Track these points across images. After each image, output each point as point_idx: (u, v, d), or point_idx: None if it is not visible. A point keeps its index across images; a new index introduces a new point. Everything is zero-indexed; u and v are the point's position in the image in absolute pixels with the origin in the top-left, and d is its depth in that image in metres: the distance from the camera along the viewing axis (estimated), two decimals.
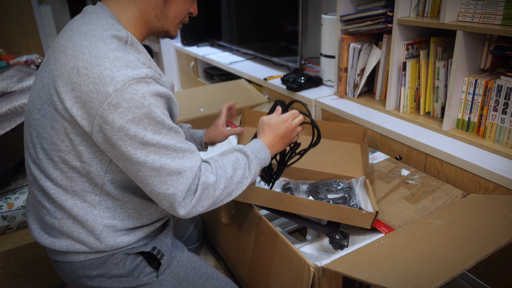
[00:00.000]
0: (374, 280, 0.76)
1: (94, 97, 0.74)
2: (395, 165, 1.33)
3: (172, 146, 0.79)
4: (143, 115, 0.74)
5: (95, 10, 0.84)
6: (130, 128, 0.74)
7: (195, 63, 2.92)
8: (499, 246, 0.79)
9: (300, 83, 1.86)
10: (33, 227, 0.94)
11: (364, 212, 1.04)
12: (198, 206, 0.83)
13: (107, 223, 0.89)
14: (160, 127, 0.77)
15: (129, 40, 0.83)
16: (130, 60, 0.76)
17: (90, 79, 0.74)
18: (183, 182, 0.80)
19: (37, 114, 0.83)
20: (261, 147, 0.97)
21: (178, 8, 0.90)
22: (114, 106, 0.73)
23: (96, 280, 0.94)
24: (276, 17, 2.15)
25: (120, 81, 0.73)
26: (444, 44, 1.43)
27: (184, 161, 0.81)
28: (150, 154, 0.77)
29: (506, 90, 1.20)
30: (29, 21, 3.26)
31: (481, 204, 1.04)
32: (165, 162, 0.78)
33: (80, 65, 0.75)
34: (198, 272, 1.05)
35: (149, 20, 0.88)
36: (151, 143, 0.76)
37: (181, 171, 0.80)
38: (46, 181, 0.86)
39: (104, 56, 0.75)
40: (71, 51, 0.77)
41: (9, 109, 2.10)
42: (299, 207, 1.08)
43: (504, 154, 1.21)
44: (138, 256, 0.96)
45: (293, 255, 0.96)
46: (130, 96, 0.73)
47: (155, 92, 0.76)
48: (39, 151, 0.85)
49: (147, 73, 0.77)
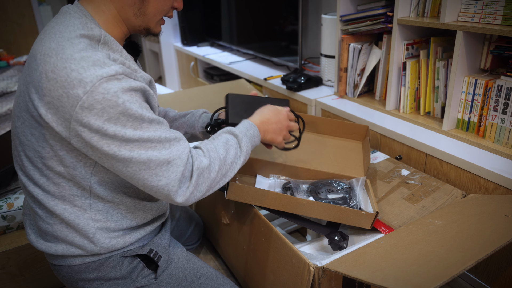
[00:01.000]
0: (374, 280, 0.76)
1: (65, 102, 0.71)
2: (395, 165, 1.33)
3: (156, 138, 0.77)
4: (119, 113, 0.72)
5: (69, 9, 0.81)
6: (108, 128, 0.72)
7: (195, 63, 2.92)
8: (499, 246, 0.79)
9: (300, 83, 1.86)
10: (29, 232, 0.93)
11: (364, 212, 1.04)
12: (196, 192, 0.83)
13: (99, 226, 0.88)
14: (140, 122, 0.75)
15: (102, 38, 0.79)
16: (97, 59, 0.73)
17: (58, 83, 0.71)
18: (174, 171, 0.79)
19: (17, 121, 0.82)
20: (250, 125, 0.96)
21: (157, 5, 0.86)
22: (88, 109, 0.71)
23: (93, 283, 0.93)
24: (276, 17, 2.15)
25: (88, 82, 0.70)
26: (444, 44, 1.43)
27: (172, 150, 0.79)
28: (135, 149, 0.75)
29: (506, 90, 1.20)
30: (29, 21, 3.26)
31: (481, 204, 1.04)
32: (152, 154, 0.77)
33: (48, 69, 0.73)
34: (197, 272, 1.04)
35: (127, 18, 0.85)
36: (133, 139, 0.75)
37: (170, 160, 0.78)
38: (35, 188, 0.85)
39: (70, 58, 0.72)
40: (40, 55, 0.75)
41: (9, 109, 2.10)
42: (299, 208, 1.08)
43: (504, 154, 1.21)
44: (135, 259, 0.95)
45: (293, 255, 0.96)
46: (102, 96, 0.71)
47: (128, 88, 0.74)
48: (23, 158, 0.84)
49: (117, 70, 0.74)
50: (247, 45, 2.47)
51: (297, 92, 1.86)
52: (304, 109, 1.84)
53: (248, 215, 1.16)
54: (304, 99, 1.81)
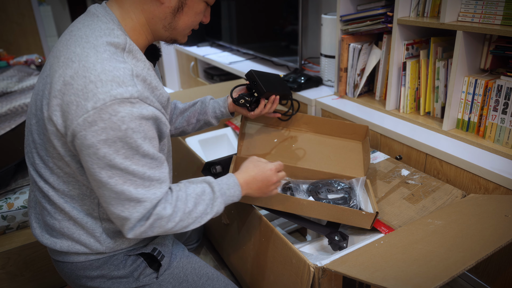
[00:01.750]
0: (374, 280, 0.76)
1: (73, 110, 0.72)
2: (395, 165, 1.33)
3: (140, 174, 0.76)
4: (117, 138, 0.72)
5: (97, 11, 0.81)
6: (101, 148, 0.72)
7: (195, 63, 2.92)
8: (499, 246, 0.79)
9: (300, 83, 1.86)
10: (34, 226, 0.94)
11: (364, 212, 1.04)
12: (149, 232, 0.82)
13: (107, 226, 0.89)
14: (133, 153, 0.74)
15: (127, 47, 0.79)
16: (117, 75, 0.72)
17: (73, 89, 0.72)
18: (139, 211, 0.78)
19: (33, 119, 0.83)
20: (234, 184, 0.93)
21: (187, 21, 0.87)
22: (90, 124, 0.70)
23: (96, 280, 0.94)
24: (276, 17, 2.16)
25: (101, 99, 0.70)
26: (444, 44, 1.43)
27: (148, 191, 0.78)
28: (114, 177, 0.74)
29: (506, 90, 1.20)
30: (29, 21, 3.26)
31: (481, 204, 1.04)
32: (127, 188, 0.76)
33: (67, 73, 0.73)
34: (198, 273, 1.05)
35: (156, 29, 0.85)
36: (119, 167, 0.74)
37: (141, 200, 0.78)
38: (45, 185, 0.86)
39: (92, 68, 0.72)
40: (63, 58, 0.76)
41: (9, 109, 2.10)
42: (299, 208, 1.08)
43: (504, 154, 1.21)
44: (139, 257, 0.96)
45: (293, 255, 0.96)
46: (109, 116, 0.70)
47: (138, 116, 0.73)
48: (35, 156, 0.85)
49: (133, 93, 0.73)
50: (247, 45, 2.47)
51: (297, 92, 1.86)
52: (304, 109, 1.84)
53: (248, 215, 1.16)
54: (304, 99, 1.81)
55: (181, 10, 0.84)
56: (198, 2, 0.86)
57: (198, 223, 0.88)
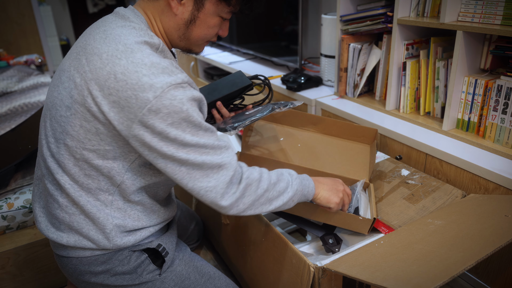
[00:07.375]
0: (374, 280, 0.76)
1: (133, 103, 0.76)
2: (395, 165, 1.33)
3: (210, 145, 0.83)
4: (181, 119, 0.78)
5: (127, 14, 0.86)
6: (170, 131, 0.78)
7: (195, 63, 2.92)
8: (499, 246, 0.79)
9: (300, 83, 1.86)
10: (40, 219, 0.95)
11: (361, 218, 1.04)
12: (240, 202, 0.87)
13: (117, 223, 0.90)
14: (197, 129, 0.81)
15: (161, 47, 0.86)
16: (166, 66, 0.79)
17: (128, 85, 0.76)
18: (224, 174, 0.84)
19: (66, 111, 0.84)
20: (307, 177, 0.99)
21: (200, 33, 0.91)
22: (155, 112, 0.76)
23: (99, 276, 0.95)
24: (276, 17, 2.16)
25: (159, 87, 0.76)
26: (444, 44, 1.43)
27: (223, 156, 0.85)
28: (191, 153, 0.81)
29: (506, 90, 1.20)
30: (29, 21, 3.26)
31: (481, 204, 1.04)
32: (206, 158, 0.82)
33: (117, 71, 0.77)
34: (200, 271, 1.05)
35: (172, 39, 0.92)
36: (191, 144, 0.80)
37: (221, 164, 0.84)
38: (63, 176, 0.87)
39: (141, 62, 0.77)
40: (106, 55, 0.79)
41: (9, 109, 2.10)
42: (297, 209, 1.08)
43: (504, 154, 1.21)
44: (143, 254, 0.97)
45: (293, 255, 0.96)
46: (169, 102, 0.76)
47: (190, 97, 0.79)
48: (61, 146, 0.86)
49: (183, 79, 0.80)
50: (247, 45, 2.47)
51: (297, 92, 1.86)
52: (304, 109, 1.84)
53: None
54: (304, 99, 1.81)
55: (194, 23, 0.89)
56: (212, 16, 0.89)
57: (281, 201, 0.92)
